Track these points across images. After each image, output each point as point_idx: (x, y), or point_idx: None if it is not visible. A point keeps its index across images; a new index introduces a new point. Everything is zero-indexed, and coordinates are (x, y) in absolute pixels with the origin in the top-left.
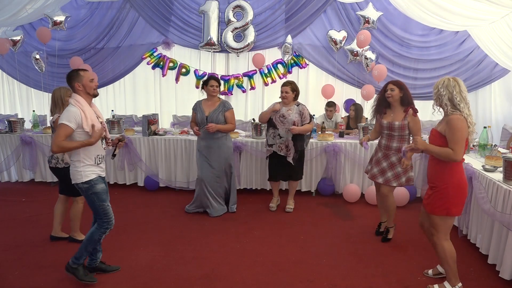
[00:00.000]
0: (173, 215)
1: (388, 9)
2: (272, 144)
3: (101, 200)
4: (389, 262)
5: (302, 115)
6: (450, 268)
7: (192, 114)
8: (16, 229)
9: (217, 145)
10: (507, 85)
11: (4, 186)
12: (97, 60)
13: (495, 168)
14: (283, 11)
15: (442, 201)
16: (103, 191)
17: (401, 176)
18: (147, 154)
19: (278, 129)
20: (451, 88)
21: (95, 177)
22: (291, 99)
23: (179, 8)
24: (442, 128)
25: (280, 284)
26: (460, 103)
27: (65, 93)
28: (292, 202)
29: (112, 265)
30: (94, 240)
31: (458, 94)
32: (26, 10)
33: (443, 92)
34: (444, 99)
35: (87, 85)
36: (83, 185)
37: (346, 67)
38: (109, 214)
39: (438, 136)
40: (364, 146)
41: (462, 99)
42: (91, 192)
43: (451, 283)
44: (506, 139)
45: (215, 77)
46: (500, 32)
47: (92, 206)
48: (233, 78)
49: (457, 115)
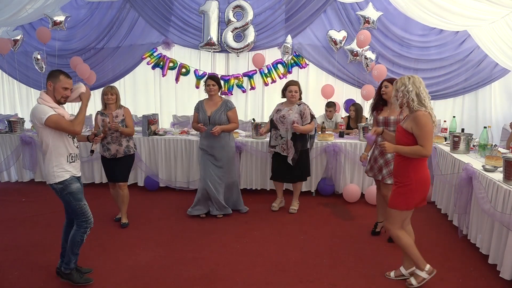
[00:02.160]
0: (173, 215)
1: (388, 9)
2: (275, 145)
3: (77, 199)
4: (389, 262)
5: (302, 115)
6: (413, 254)
7: (194, 114)
8: (16, 229)
9: (221, 145)
10: (507, 85)
11: (4, 186)
12: (97, 60)
13: (495, 168)
14: (283, 11)
15: (404, 196)
16: (78, 191)
17: (382, 168)
18: (147, 154)
19: (279, 129)
20: (418, 83)
21: (69, 177)
22: (297, 99)
23: (179, 8)
24: (408, 125)
25: (280, 284)
26: (425, 99)
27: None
28: (296, 204)
29: (84, 268)
30: (77, 242)
31: (423, 90)
32: (26, 10)
33: (410, 88)
34: (412, 95)
35: (57, 89)
36: (57, 186)
37: (346, 67)
38: (86, 213)
39: (404, 133)
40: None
41: (427, 95)
42: (66, 192)
43: (420, 268)
44: (506, 139)
45: (213, 76)
46: (500, 32)
47: (69, 206)
48: (233, 78)
49: (422, 111)
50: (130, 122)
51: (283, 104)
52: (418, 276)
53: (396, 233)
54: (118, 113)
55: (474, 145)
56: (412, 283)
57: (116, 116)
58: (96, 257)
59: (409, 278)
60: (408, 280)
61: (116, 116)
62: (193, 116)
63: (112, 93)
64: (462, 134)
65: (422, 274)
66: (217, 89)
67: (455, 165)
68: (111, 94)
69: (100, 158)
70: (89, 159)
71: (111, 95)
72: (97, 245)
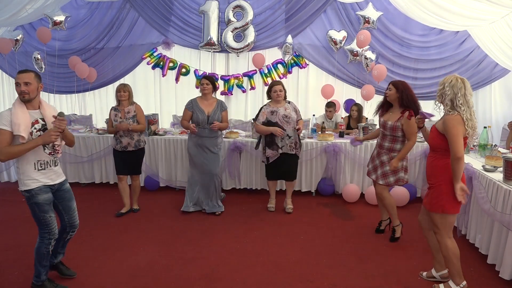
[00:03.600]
0: (173, 215)
1: (388, 9)
2: (282, 146)
3: (43, 211)
4: (389, 262)
5: (297, 112)
6: (454, 267)
7: (187, 113)
8: (16, 229)
9: (215, 143)
10: (507, 85)
11: (4, 186)
12: (97, 60)
13: (495, 168)
14: (283, 11)
15: (438, 198)
16: (46, 202)
17: (388, 176)
18: (147, 154)
19: (285, 130)
20: (456, 89)
21: (36, 187)
22: (283, 98)
23: (179, 8)
24: (440, 126)
25: (280, 284)
26: (462, 106)
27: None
28: (290, 202)
29: (70, 269)
30: (43, 254)
31: (462, 96)
32: (26, 10)
33: (448, 91)
34: (447, 99)
35: (16, 89)
36: (25, 193)
37: (346, 67)
38: (50, 225)
39: (436, 134)
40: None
41: (465, 102)
42: (32, 201)
43: (455, 281)
44: (506, 139)
45: (208, 76)
46: (500, 32)
47: (33, 215)
48: (233, 78)
49: (453, 115)
50: (141, 118)
51: (271, 105)
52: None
53: (444, 241)
54: (130, 109)
55: (474, 145)
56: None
57: (128, 112)
58: (96, 257)
59: (439, 284)
60: (437, 285)
61: (128, 111)
62: (184, 114)
63: (125, 90)
64: None
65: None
66: (211, 89)
67: None
68: (124, 91)
69: (100, 158)
70: (90, 159)
71: (123, 92)
72: (97, 245)
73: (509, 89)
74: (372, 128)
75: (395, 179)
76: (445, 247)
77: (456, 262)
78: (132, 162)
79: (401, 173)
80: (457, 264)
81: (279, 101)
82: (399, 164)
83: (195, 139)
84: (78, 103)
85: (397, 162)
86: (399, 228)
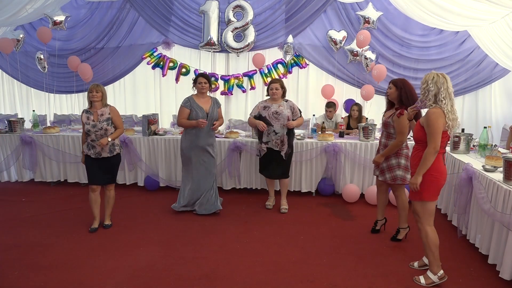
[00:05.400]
0: (173, 215)
1: (388, 9)
2: (267, 141)
3: None
4: (389, 262)
5: (293, 110)
6: (433, 255)
7: (185, 111)
8: (16, 229)
9: (211, 142)
10: (507, 85)
11: (4, 186)
12: (97, 60)
13: (495, 168)
14: (283, 11)
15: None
16: None
17: (385, 172)
18: (147, 154)
19: (272, 125)
20: (439, 84)
21: None
22: (280, 96)
23: (179, 8)
24: (423, 119)
25: (280, 284)
26: (444, 99)
27: None
28: (285, 202)
29: None
30: None
31: (445, 90)
32: (26, 10)
33: (431, 88)
34: (430, 94)
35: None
36: None
37: (346, 67)
38: None
39: (419, 127)
40: None
41: (448, 95)
42: None
43: (433, 270)
44: (506, 139)
45: (204, 74)
46: (500, 32)
47: None
48: (233, 78)
49: (435, 108)
50: (117, 120)
51: (267, 101)
52: (428, 278)
53: (424, 228)
54: (103, 111)
55: (474, 145)
56: (420, 282)
57: (102, 114)
58: (96, 257)
59: (419, 276)
60: (417, 277)
61: (101, 114)
62: (181, 113)
63: (97, 90)
64: (462, 134)
65: (433, 278)
66: (208, 87)
67: (455, 165)
68: (97, 92)
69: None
70: None
71: (96, 92)
72: (97, 245)
73: (509, 89)
74: (372, 128)
75: (391, 176)
76: (425, 234)
77: (435, 251)
78: (108, 169)
79: (398, 171)
80: (435, 252)
81: (276, 99)
82: (382, 160)
83: (191, 139)
84: (78, 103)
85: (380, 158)
86: (404, 232)
